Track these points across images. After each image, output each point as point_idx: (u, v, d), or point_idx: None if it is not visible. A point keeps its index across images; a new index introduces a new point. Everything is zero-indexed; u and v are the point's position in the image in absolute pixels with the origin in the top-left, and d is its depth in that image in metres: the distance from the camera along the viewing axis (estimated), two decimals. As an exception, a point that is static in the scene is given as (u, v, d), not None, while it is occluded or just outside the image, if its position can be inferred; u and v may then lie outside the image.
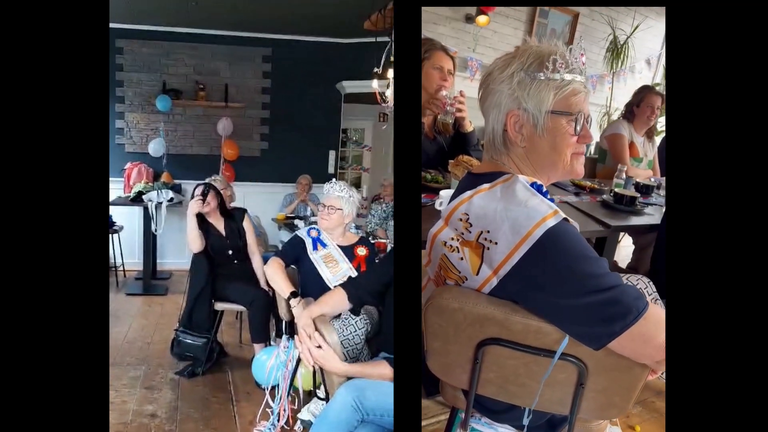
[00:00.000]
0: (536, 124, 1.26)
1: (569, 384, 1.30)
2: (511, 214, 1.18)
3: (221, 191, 4.13)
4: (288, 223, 5.62)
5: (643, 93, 3.75)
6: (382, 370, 2.04)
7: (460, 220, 1.29)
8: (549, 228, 1.14)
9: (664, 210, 2.53)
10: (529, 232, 1.14)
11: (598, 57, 6.89)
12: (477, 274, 1.25)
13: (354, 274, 3.01)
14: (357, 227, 3.92)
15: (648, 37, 7.00)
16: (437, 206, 2.38)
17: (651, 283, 2.13)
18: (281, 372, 3.06)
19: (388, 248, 4.29)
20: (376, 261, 3.17)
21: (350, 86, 6.67)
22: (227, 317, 4.29)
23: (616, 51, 6.74)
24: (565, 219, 1.17)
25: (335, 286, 2.30)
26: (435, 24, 5.47)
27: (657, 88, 4.04)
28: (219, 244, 3.70)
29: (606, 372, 1.25)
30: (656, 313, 1.13)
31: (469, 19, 5.55)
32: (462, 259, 1.28)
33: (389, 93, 4.61)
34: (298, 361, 2.99)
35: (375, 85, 4.50)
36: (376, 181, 7.52)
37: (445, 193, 2.35)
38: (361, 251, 3.15)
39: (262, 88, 6.45)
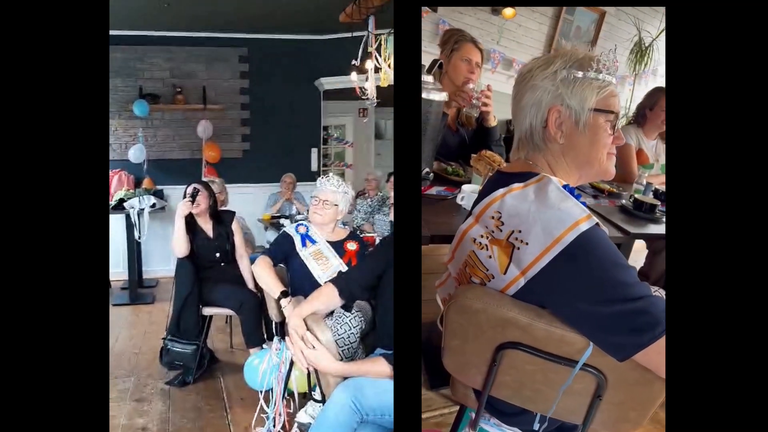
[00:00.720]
0: (578, 121, 1.27)
1: (586, 394, 1.26)
2: (543, 216, 1.17)
3: (216, 194, 4.00)
4: (274, 223, 5.52)
5: (657, 95, 3.51)
6: (379, 368, 1.91)
7: (492, 218, 1.28)
8: (582, 232, 1.12)
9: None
10: (561, 234, 1.12)
11: (621, 58, 6.65)
12: (504, 273, 1.23)
13: (345, 269, 2.88)
14: (343, 223, 3.80)
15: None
16: (458, 201, 2.32)
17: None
18: (275, 375, 2.94)
19: (377, 242, 4.17)
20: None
21: (328, 83, 6.58)
22: (217, 322, 4.16)
23: (640, 53, 6.54)
24: (597, 224, 1.15)
25: (325, 282, 2.17)
26: (461, 13, 5.30)
27: None
28: (206, 246, 3.54)
29: (626, 386, 1.21)
30: None
31: (495, 10, 5.41)
32: (490, 257, 1.26)
33: (368, 86, 4.49)
34: (292, 363, 2.87)
35: (354, 77, 4.39)
36: (359, 177, 7.42)
37: (468, 188, 2.31)
38: (351, 246, 3.02)
39: (241, 88, 6.32)
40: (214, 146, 6.10)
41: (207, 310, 3.49)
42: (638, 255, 3.79)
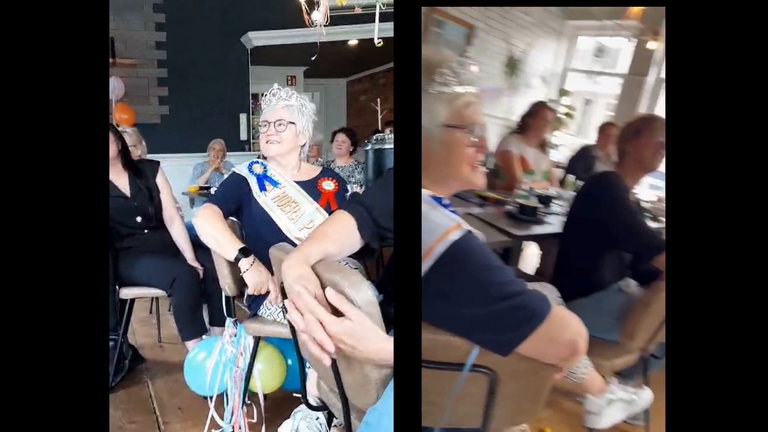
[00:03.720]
0: (430, 138, 1.11)
1: (480, 395, 1.18)
2: None
3: (130, 148, 2.97)
4: (203, 195, 4.52)
5: (538, 107, 3.80)
6: None
7: None
8: (452, 242, 1.01)
9: (565, 219, 2.39)
10: (431, 246, 1.02)
11: (497, 71, 6.81)
12: None
13: (323, 216, 1.98)
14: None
15: (543, 54, 7.18)
16: None
17: (554, 288, 2.06)
18: (230, 373, 2.01)
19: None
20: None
21: (258, 38, 5.68)
22: (139, 312, 3.16)
23: (512, 66, 6.84)
24: (468, 231, 1.05)
25: (334, 211, 1.25)
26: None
27: (551, 104, 4.54)
28: (122, 208, 2.52)
29: (515, 378, 1.16)
30: (560, 313, 1.06)
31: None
32: None
33: (318, 16, 3.57)
34: (254, 355, 1.97)
35: None
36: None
37: None
38: (328, 185, 2.11)
39: (156, 42, 5.31)
40: (127, 108, 5.05)
41: (126, 292, 2.48)
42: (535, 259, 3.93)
